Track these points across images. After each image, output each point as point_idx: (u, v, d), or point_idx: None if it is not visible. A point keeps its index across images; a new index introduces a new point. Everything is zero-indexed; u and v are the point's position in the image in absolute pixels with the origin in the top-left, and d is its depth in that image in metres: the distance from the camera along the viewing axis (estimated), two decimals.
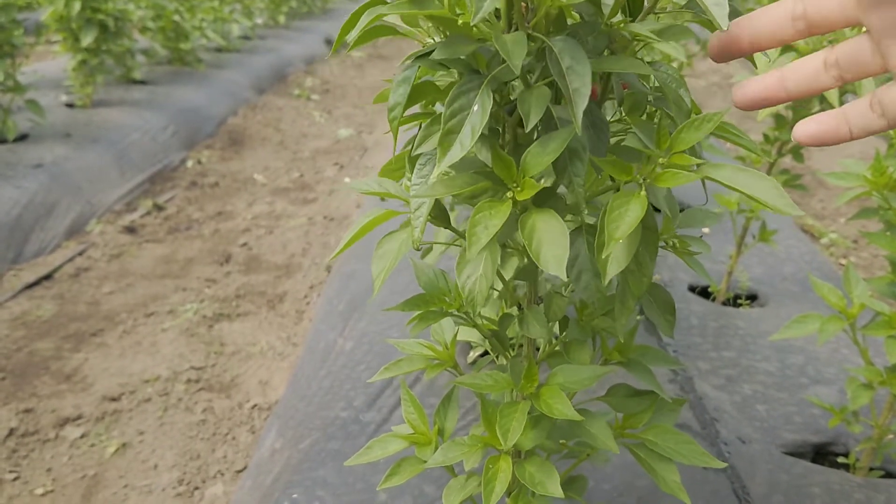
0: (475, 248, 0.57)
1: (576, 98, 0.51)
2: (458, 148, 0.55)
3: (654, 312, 0.72)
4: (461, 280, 0.61)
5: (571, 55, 0.53)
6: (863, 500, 1.27)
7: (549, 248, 0.56)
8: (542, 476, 0.73)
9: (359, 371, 1.67)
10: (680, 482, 0.77)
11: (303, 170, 4.10)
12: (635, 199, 0.55)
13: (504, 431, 0.69)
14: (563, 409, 0.69)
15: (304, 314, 2.51)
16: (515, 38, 0.53)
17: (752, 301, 2.08)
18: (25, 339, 2.30)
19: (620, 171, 0.57)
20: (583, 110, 0.51)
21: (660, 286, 0.73)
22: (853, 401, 1.21)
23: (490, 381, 0.73)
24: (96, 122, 3.82)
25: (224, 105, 4.93)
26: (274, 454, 1.54)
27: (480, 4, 0.50)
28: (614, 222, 0.54)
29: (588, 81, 0.52)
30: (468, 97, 0.56)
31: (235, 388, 2.10)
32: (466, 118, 0.55)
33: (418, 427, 0.84)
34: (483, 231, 0.57)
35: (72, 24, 3.88)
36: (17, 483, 1.72)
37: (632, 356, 0.80)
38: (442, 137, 0.55)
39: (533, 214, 0.59)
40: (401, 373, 0.81)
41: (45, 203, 3.01)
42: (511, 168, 0.59)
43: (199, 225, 3.29)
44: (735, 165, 0.54)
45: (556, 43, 0.54)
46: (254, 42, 7.00)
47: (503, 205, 0.58)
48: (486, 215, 0.58)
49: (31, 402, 1.99)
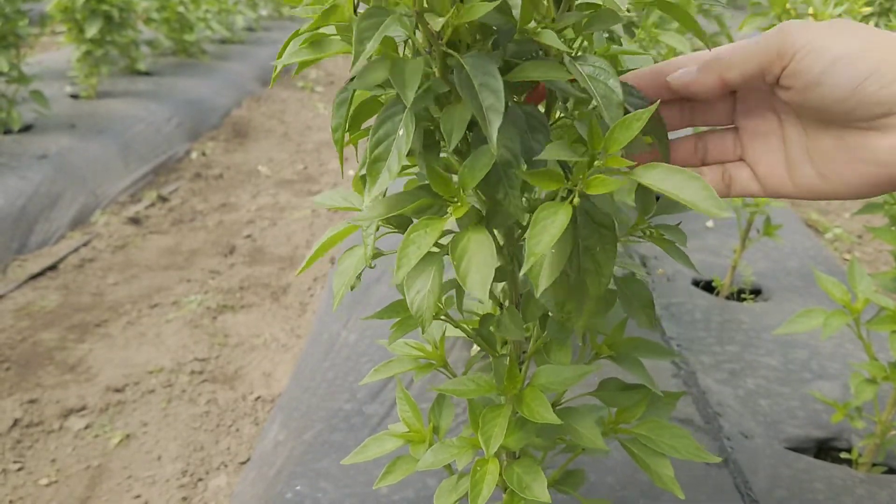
0: (404, 271, 0.56)
1: (489, 116, 0.50)
2: (386, 175, 0.54)
3: (632, 308, 0.71)
4: (409, 296, 0.60)
5: (483, 70, 0.52)
6: (865, 495, 1.27)
7: (476, 272, 0.56)
8: (530, 479, 0.72)
9: (362, 363, 1.67)
10: (674, 477, 0.76)
11: (307, 162, 4.09)
12: (563, 210, 0.53)
13: (486, 438, 0.68)
14: (543, 413, 0.68)
15: (308, 306, 2.52)
16: (412, 66, 0.52)
17: (755, 295, 2.08)
18: (30, 329, 2.31)
19: (546, 181, 0.56)
20: (497, 127, 0.50)
21: (637, 281, 0.72)
22: (857, 396, 1.21)
23: (472, 385, 0.73)
24: (101, 114, 3.82)
25: (228, 97, 4.93)
26: (277, 446, 1.54)
27: (360, 49, 0.49)
28: (536, 237, 0.53)
29: (501, 97, 0.50)
30: (393, 122, 0.55)
31: (239, 380, 2.10)
32: (393, 143, 0.54)
33: (413, 425, 0.83)
34: (415, 251, 0.57)
35: (76, 14, 3.88)
36: (21, 473, 1.73)
37: (622, 350, 0.79)
38: (370, 166, 0.55)
39: (467, 233, 0.58)
40: (391, 374, 0.81)
41: (49, 194, 3.01)
42: (448, 184, 0.58)
43: (204, 216, 3.29)
44: (667, 167, 0.53)
45: (468, 59, 0.52)
46: (258, 34, 6.99)
47: (439, 222, 0.57)
48: (420, 234, 0.57)
49: (35, 393, 2.00)
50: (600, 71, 0.56)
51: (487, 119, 0.50)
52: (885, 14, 2.37)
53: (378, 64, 0.54)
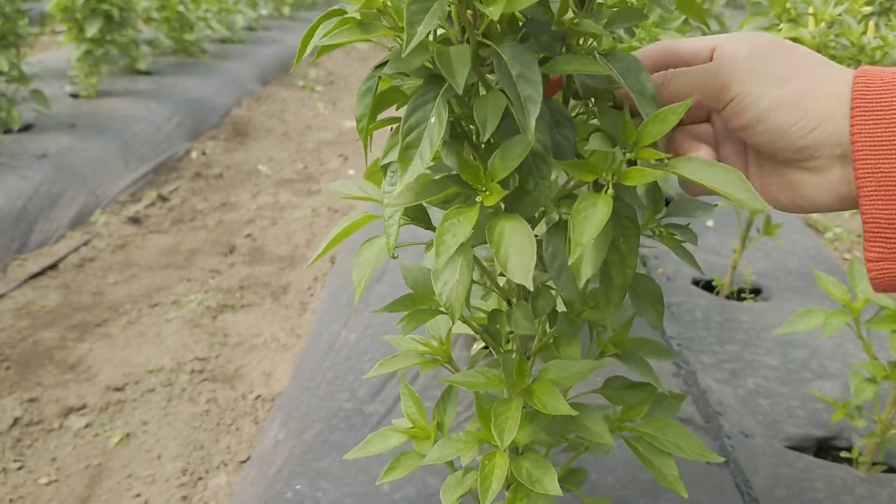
0: (444, 258, 0.56)
1: (528, 106, 0.50)
2: (419, 162, 0.54)
3: (641, 304, 0.71)
4: (438, 287, 0.60)
5: (521, 62, 0.52)
6: (865, 494, 1.27)
7: (516, 257, 0.56)
8: (539, 473, 0.72)
9: (363, 362, 1.67)
10: (678, 476, 0.76)
11: (307, 161, 4.09)
12: (602, 201, 0.54)
13: (500, 431, 0.68)
14: (556, 405, 0.68)
15: (308, 305, 2.52)
16: (458, 52, 0.52)
17: (756, 295, 2.08)
18: (30, 328, 2.31)
19: (585, 171, 0.56)
20: (535, 118, 0.50)
21: (647, 277, 0.72)
22: (857, 395, 1.21)
23: (482, 378, 0.73)
24: (101, 113, 3.82)
25: (228, 96, 4.93)
26: (277, 445, 1.54)
27: (412, 32, 0.49)
28: (580, 226, 0.53)
29: (539, 88, 0.51)
30: (425, 109, 0.55)
31: (239, 379, 2.10)
32: (425, 131, 0.54)
33: (417, 421, 0.83)
34: (452, 239, 0.57)
35: (76, 14, 3.88)
36: (21, 472, 1.73)
37: (627, 348, 0.79)
38: (401, 153, 0.54)
39: (501, 221, 0.58)
40: (395, 369, 0.81)
41: (49, 193, 3.01)
42: (478, 173, 0.58)
43: (204, 216, 3.29)
44: (703, 160, 0.54)
45: (506, 50, 0.52)
46: (258, 33, 6.99)
47: (472, 210, 0.58)
48: (454, 222, 0.57)
49: (35, 392, 2.00)
50: (632, 66, 0.56)
51: (526, 109, 0.50)
52: (886, 13, 2.37)
53: (417, 49, 0.54)
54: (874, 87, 0.53)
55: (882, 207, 0.51)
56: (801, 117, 0.54)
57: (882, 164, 0.51)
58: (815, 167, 0.56)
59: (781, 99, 0.54)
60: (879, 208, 0.52)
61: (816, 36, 1.52)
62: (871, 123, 0.52)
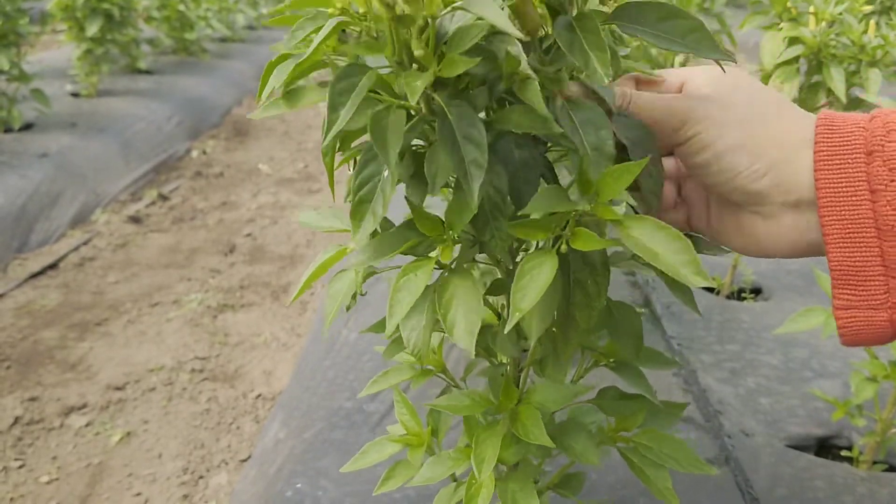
0: (395, 320, 0.54)
1: (472, 171, 0.48)
2: (371, 218, 0.51)
3: (618, 336, 0.69)
4: (405, 333, 0.58)
5: (468, 121, 0.49)
6: (866, 493, 1.27)
7: (463, 322, 0.54)
8: (522, 497, 0.71)
9: (363, 362, 1.67)
10: (672, 489, 0.75)
11: (307, 160, 4.10)
12: (549, 261, 0.51)
13: (479, 462, 0.67)
14: (537, 434, 0.66)
15: (309, 305, 2.52)
16: (395, 121, 0.49)
17: (756, 295, 2.08)
18: (30, 328, 2.31)
19: (534, 231, 0.53)
20: (479, 183, 0.47)
21: (628, 307, 0.69)
22: (857, 394, 1.21)
23: (468, 401, 0.71)
24: (101, 112, 3.82)
25: (229, 95, 4.93)
26: (278, 444, 1.54)
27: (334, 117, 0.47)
28: (522, 290, 0.51)
29: (485, 150, 0.48)
30: (377, 162, 0.52)
31: (240, 378, 2.10)
32: (378, 185, 0.52)
33: (411, 428, 0.82)
34: (406, 297, 0.55)
35: (77, 13, 3.88)
36: (22, 471, 1.73)
37: (621, 358, 0.77)
38: (353, 208, 0.52)
39: (453, 281, 0.56)
40: (388, 385, 0.80)
41: (50, 192, 3.01)
42: (435, 225, 0.56)
43: (204, 215, 3.29)
44: (656, 223, 0.50)
45: (452, 109, 0.49)
46: (258, 32, 6.99)
47: (428, 265, 0.56)
48: (410, 279, 0.56)
49: (36, 391, 2.00)
50: (595, 118, 0.53)
51: (469, 174, 0.48)
52: (887, 12, 2.37)
53: (358, 112, 0.51)
54: (837, 133, 0.52)
55: (849, 254, 0.51)
56: (752, 162, 0.54)
57: (846, 212, 0.51)
58: (767, 213, 0.56)
59: (736, 143, 0.54)
60: (846, 255, 0.52)
61: (817, 35, 1.52)
62: (835, 170, 0.51)
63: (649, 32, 0.54)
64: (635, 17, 0.54)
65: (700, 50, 0.53)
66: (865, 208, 0.50)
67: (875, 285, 0.52)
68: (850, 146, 0.51)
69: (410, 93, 0.46)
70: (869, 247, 0.51)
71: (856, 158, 0.51)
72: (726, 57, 0.53)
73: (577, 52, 0.51)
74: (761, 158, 0.54)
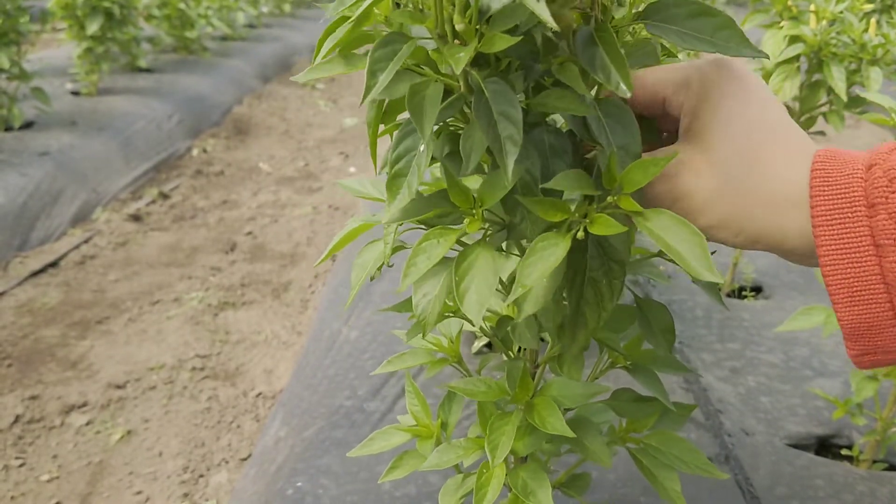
0: (410, 279, 0.55)
1: (507, 147, 0.48)
2: (406, 191, 0.52)
3: (651, 332, 0.69)
4: (416, 297, 0.59)
5: (505, 99, 0.49)
6: (866, 492, 1.27)
7: (475, 293, 0.54)
8: (535, 485, 0.71)
9: (363, 360, 1.67)
10: (680, 492, 0.75)
11: (308, 159, 4.09)
12: (562, 242, 0.51)
13: (493, 448, 0.67)
14: (555, 424, 0.67)
15: (309, 303, 2.52)
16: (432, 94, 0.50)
17: (756, 293, 2.08)
18: (31, 326, 2.31)
19: (551, 211, 0.53)
20: (514, 159, 0.48)
21: (659, 305, 0.69)
22: (857, 393, 1.21)
23: (484, 387, 0.72)
24: (102, 111, 3.82)
25: (229, 93, 4.92)
26: (278, 442, 1.54)
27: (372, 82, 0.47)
28: (528, 267, 0.51)
29: (520, 127, 0.48)
30: (414, 137, 0.53)
31: (240, 377, 2.10)
32: (413, 160, 0.53)
33: (421, 420, 0.82)
34: (424, 261, 0.55)
35: (77, 11, 3.88)
36: (23, 469, 1.73)
37: (639, 361, 0.77)
38: (389, 181, 0.53)
39: (475, 251, 0.56)
40: (404, 367, 0.80)
41: (50, 191, 3.01)
42: (468, 196, 0.57)
43: (205, 213, 3.29)
44: (674, 217, 0.51)
45: (489, 86, 0.50)
46: (259, 30, 6.99)
47: (452, 235, 0.56)
48: (432, 244, 0.56)
49: (36, 389, 2.00)
50: (622, 116, 0.53)
51: (504, 150, 0.48)
52: (888, 11, 2.36)
53: (398, 81, 0.51)
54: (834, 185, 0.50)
55: (859, 313, 0.50)
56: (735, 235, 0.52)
57: (852, 269, 0.49)
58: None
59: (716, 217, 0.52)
60: (856, 313, 0.50)
61: (818, 33, 1.51)
62: (836, 227, 0.49)
63: (676, 31, 0.53)
64: (664, 15, 0.53)
65: (730, 48, 0.51)
66: (872, 264, 0.48)
67: (889, 335, 0.50)
68: (849, 199, 0.49)
69: (455, 63, 0.47)
70: (879, 302, 0.49)
71: (856, 212, 0.49)
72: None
73: (598, 67, 0.51)
74: (745, 231, 0.52)
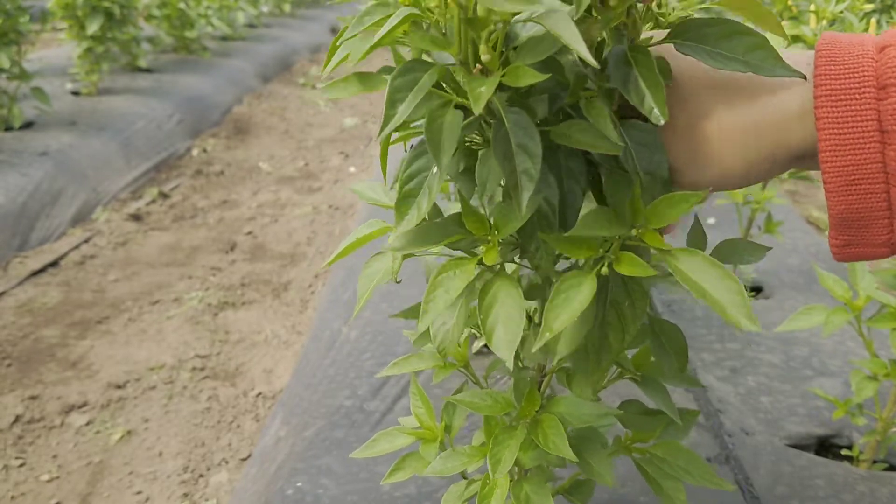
0: (429, 317, 0.53)
1: (523, 181, 0.46)
2: (415, 213, 0.50)
3: (663, 353, 0.67)
4: (434, 327, 0.58)
5: (524, 130, 0.47)
6: (866, 492, 1.27)
7: (503, 330, 0.52)
8: (538, 498, 0.71)
9: (363, 360, 1.67)
10: (685, 502, 0.75)
11: (308, 159, 4.09)
12: (588, 282, 0.50)
13: (495, 461, 0.66)
14: (559, 445, 0.66)
15: (309, 303, 2.52)
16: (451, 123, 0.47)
17: (757, 293, 2.08)
18: (31, 326, 2.31)
19: (580, 250, 0.51)
20: (528, 195, 0.46)
21: (671, 325, 0.68)
22: (858, 393, 1.21)
23: (490, 401, 0.71)
24: (102, 110, 3.82)
25: (229, 93, 4.92)
26: (278, 442, 1.54)
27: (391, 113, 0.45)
28: (556, 309, 0.49)
29: (538, 162, 0.47)
30: (428, 157, 0.51)
31: (240, 377, 2.10)
32: (425, 181, 0.51)
33: (425, 422, 0.82)
34: (443, 296, 0.53)
35: (77, 11, 3.88)
36: (22, 469, 1.73)
37: (647, 372, 0.76)
38: (399, 201, 0.51)
39: (496, 283, 0.54)
40: (410, 370, 0.79)
41: (50, 191, 3.01)
42: (483, 224, 0.55)
43: (205, 213, 3.29)
44: (706, 257, 0.49)
45: (510, 116, 0.48)
46: (259, 30, 6.98)
47: (470, 265, 0.54)
48: (449, 276, 0.54)
49: (36, 389, 2.00)
50: (649, 140, 0.51)
51: (520, 185, 0.46)
52: (888, 10, 2.36)
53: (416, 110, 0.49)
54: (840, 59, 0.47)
55: (852, 202, 0.48)
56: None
57: (851, 156, 0.46)
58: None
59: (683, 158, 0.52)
60: (849, 203, 0.48)
61: (818, 33, 1.51)
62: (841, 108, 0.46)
63: (707, 51, 0.51)
64: (694, 34, 0.52)
65: (765, 68, 0.49)
66: (874, 151, 0.46)
67: (878, 228, 0.48)
68: (857, 79, 0.46)
69: (475, 100, 0.45)
70: (875, 192, 0.47)
71: (865, 93, 0.46)
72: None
73: (632, 89, 0.49)
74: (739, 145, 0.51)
